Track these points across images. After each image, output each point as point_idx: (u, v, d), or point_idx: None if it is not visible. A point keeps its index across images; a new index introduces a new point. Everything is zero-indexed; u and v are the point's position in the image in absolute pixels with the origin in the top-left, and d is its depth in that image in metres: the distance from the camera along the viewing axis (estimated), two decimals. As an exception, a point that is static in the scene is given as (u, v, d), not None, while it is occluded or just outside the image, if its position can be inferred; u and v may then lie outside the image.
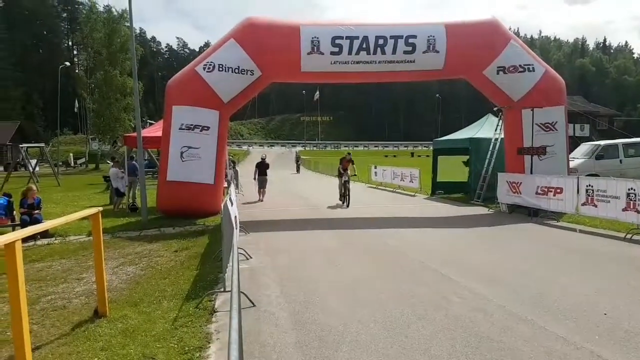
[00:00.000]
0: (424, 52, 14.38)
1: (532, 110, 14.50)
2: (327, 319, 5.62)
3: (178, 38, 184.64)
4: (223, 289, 6.65)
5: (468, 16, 15.80)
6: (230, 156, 23.91)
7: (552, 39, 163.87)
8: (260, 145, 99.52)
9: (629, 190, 10.84)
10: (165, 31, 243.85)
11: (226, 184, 16.21)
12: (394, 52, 14.30)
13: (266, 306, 6.15)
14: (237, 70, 14.04)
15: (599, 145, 20.63)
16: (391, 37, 14.25)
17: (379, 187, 25.86)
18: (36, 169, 32.55)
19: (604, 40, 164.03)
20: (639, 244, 9.90)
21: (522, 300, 6.20)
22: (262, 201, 19.63)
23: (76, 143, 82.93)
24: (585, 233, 11.42)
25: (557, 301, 6.12)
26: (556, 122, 15.08)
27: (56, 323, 5.84)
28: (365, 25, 14.63)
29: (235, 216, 7.64)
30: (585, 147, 21.18)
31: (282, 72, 15.23)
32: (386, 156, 75.03)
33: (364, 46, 14.19)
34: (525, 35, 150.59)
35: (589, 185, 12.14)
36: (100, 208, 6.05)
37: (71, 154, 64.98)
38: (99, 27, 53.79)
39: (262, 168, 20.46)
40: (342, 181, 17.90)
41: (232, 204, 8.09)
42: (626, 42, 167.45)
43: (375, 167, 28.88)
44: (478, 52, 14.67)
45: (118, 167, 17.49)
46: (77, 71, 73.99)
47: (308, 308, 6.06)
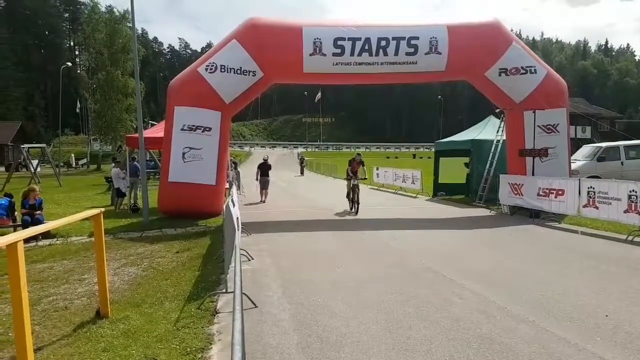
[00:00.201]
0: (426, 54, 14.39)
1: (534, 112, 14.50)
2: (329, 320, 5.62)
3: (180, 39, 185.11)
4: (225, 290, 6.64)
5: (470, 18, 15.74)
6: (232, 157, 23.93)
7: (554, 41, 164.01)
8: (262, 146, 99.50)
9: (631, 192, 10.83)
10: (167, 32, 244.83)
11: (228, 185, 16.22)
12: (396, 54, 14.31)
13: (268, 307, 6.15)
14: (239, 71, 14.07)
15: (601, 147, 20.61)
16: (393, 39, 14.27)
17: (381, 189, 25.85)
18: (37, 170, 32.62)
19: (606, 42, 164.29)
20: (641, 246, 9.89)
21: (524, 301, 6.19)
22: (264, 202, 19.63)
23: (78, 144, 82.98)
24: (586, 235, 11.41)
25: (559, 303, 6.11)
26: (558, 124, 15.08)
27: (58, 324, 5.85)
28: (367, 26, 14.64)
29: (237, 217, 7.64)
30: (586, 149, 21.16)
31: (284, 73, 15.25)
32: (388, 157, 75.01)
33: (366, 47, 14.20)
34: (527, 37, 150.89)
35: (591, 187, 12.13)
36: (102, 209, 6.06)
37: (73, 155, 64.98)
38: (101, 28, 53.82)
39: (264, 169, 20.48)
40: (351, 185, 16.32)
41: (234, 205, 8.09)
42: (628, 45, 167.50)
43: (377, 169, 28.88)
44: (480, 54, 14.67)
45: (120, 168, 17.52)
46: (79, 71, 74.32)
47: (310, 309, 6.05)
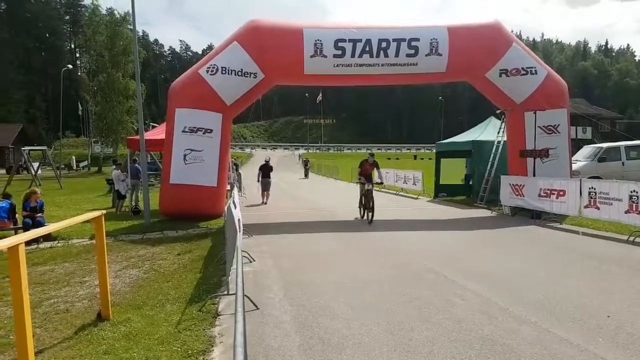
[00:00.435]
0: (427, 55, 14.40)
1: (535, 112, 14.50)
2: (331, 322, 5.61)
3: (181, 41, 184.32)
4: (226, 292, 6.63)
5: (470, 19, 15.74)
6: (233, 159, 23.95)
7: (554, 42, 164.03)
8: (263, 148, 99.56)
9: (632, 192, 10.82)
10: (168, 34, 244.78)
11: (229, 187, 16.22)
12: (397, 55, 14.32)
13: (270, 309, 6.14)
14: (240, 73, 14.08)
15: (602, 147, 20.61)
16: (394, 40, 14.28)
17: (382, 190, 25.81)
18: (38, 172, 32.62)
19: (606, 43, 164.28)
20: (643, 247, 9.88)
21: (526, 302, 6.18)
22: (266, 204, 19.63)
23: (79, 146, 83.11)
24: (588, 235, 11.40)
25: (560, 303, 6.10)
26: (558, 125, 15.08)
27: (59, 327, 5.85)
28: (368, 28, 14.66)
29: (238, 219, 7.64)
30: (587, 150, 21.15)
31: (285, 75, 15.26)
32: (389, 159, 74.97)
33: (367, 49, 14.22)
34: (527, 38, 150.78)
35: (592, 187, 12.13)
36: (103, 211, 6.06)
37: (73, 157, 65.07)
38: (102, 30, 53.92)
39: (266, 171, 20.49)
40: (364, 190, 14.54)
41: (236, 207, 8.08)
42: (628, 45, 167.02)
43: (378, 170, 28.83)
44: (481, 55, 14.68)
45: (120, 170, 17.53)
46: (80, 74, 74.35)
47: (311, 311, 6.05)
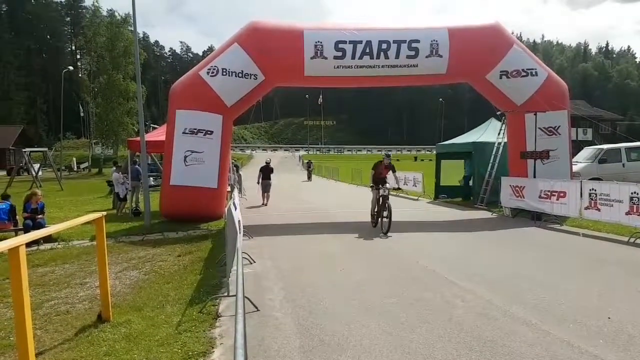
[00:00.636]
0: (427, 57, 14.40)
1: (535, 114, 14.49)
2: (331, 324, 5.61)
3: (181, 42, 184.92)
4: (227, 294, 6.64)
5: (471, 20, 15.75)
6: (233, 160, 23.95)
7: (555, 44, 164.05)
8: (263, 149, 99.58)
9: (632, 194, 10.81)
10: (168, 35, 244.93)
11: (229, 188, 16.22)
12: (397, 57, 14.32)
13: (270, 311, 6.14)
14: (241, 74, 14.09)
15: (602, 149, 20.59)
16: (394, 42, 14.28)
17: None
18: (39, 174, 32.68)
19: (607, 44, 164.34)
20: (643, 248, 9.87)
21: (526, 304, 6.17)
22: (266, 205, 19.63)
23: (79, 147, 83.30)
24: (588, 237, 11.39)
25: (561, 305, 6.10)
26: (559, 126, 15.07)
27: (59, 328, 5.85)
28: (368, 29, 14.66)
29: (238, 220, 7.64)
30: (588, 151, 21.13)
31: (286, 77, 15.26)
32: (389, 160, 74.90)
33: (367, 50, 14.22)
34: (528, 39, 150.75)
35: (592, 189, 12.12)
36: (103, 213, 6.07)
37: (74, 159, 65.21)
38: (102, 31, 54.07)
39: (266, 172, 20.49)
40: (378, 196, 12.73)
41: (236, 209, 8.09)
42: (629, 47, 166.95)
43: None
44: (481, 57, 14.67)
45: (121, 172, 17.53)
46: (81, 75, 74.40)
47: (312, 312, 6.05)
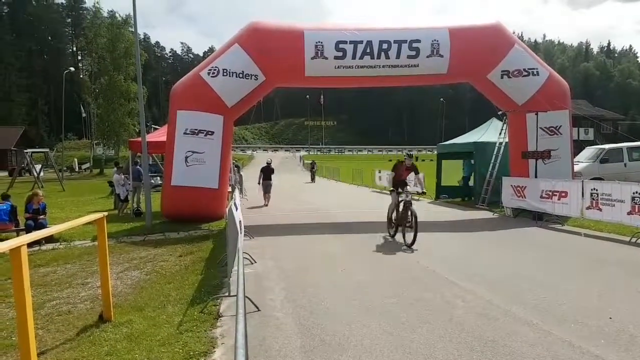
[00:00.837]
0: (428, 57, 14.40)
1: (537, 114, 14.48)
2: (332, 324, 5.61)
3: (182, 43, 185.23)
4: (228, 294, 6.64)
5: (472, 20, 15.75)
6: (234, 161, 23.96)
7: (556, 43, 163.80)
8: (264, 149, 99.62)
9: (634, 193, 10.80)
10: (169, 36, 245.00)
11: (230, 189, 16.23)
12: (398, 57, 14.32)
13: (271, 311, 6.14)
14: (242, 75, 14.10)
15: (604, 149, 20.57)
16: (395, 42, 14.28)
17: (384, 191, 25.83)
18: (41, 174, 32.72)
19: (608, 44, 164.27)
20: (645, 248, 9.86)
21: (527, 304, 6.17)
22: (267, 206, 19.64)
23: (80, 148, 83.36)
24: (590, 237, 11.38)
25: (562, 305, 6.09)
26: (560, 126, 15.06)
27: (61, 328, 5.86)
28: (369, 29, 14.66)
29: (239, 221, 7.64)
30: (589, 151, 21.11)
31: (286, 77, 15.26)
32: (390, 160, 74.94)
33: (368, 51, 14.22)
34: (529, 39, 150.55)
35: (594, 189, 12.11)
36: (105, 213, 6.07)
37: (76, 159, 65.26)
38: (103, 33, 54.15)
39: (267, 173, 20.50)
40: (398, 200, 10.98)
41: (237, 209, 8.09)
42: (630, 46, 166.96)
43: (379, 171, 28.89)
44: (482, 56, 14.67)
45: (122, 173, 17.54)
46: (82, 76, 74.50)
47: (313, 312, 6.05)
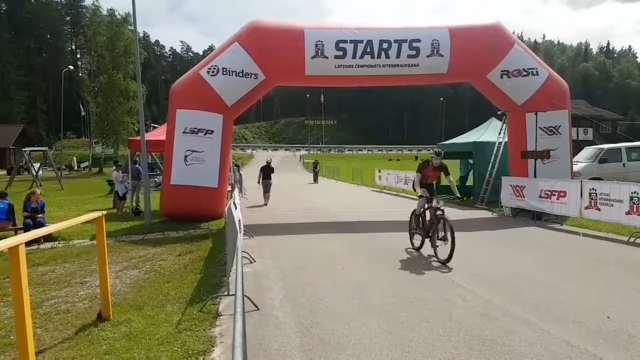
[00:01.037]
0: (428, 56, 14.40)
1: (536, 114, 14.49)
2: (331, 323, 5.61)
3: (182, 42, 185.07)
4: (227, 293, 6.64)
5: (472, 20, 15.74)
6: (234, 160, 23.93)
7: (556, 43, 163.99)
8: (264, 149, 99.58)
9: (633, 193, 10.82)
10: (169, 35, 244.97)
11: (230, 188, 16.22)
12: (398, 56, 14.32)
13: (270, 310, 6.14)
14: (241, 73, 14.08)
15: (603, 149, 20.59)
16: (395, 41, 14.28)
17: (383, 191, 25.87)
18: (39, 173, 32.69)
19: (608, 44, 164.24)
20: (644, 248, 9.88)
21: (526, 303, 6.18)
22: (267, 205, 19.64)
23: (79, 147, 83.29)
24: (588, 237, 11.39)
25: (561, 304, 6.10)
26: (560, 126, 15.07)
27: (59, 327, 5.85)
28: (369, 29, 14.65)
29: (239, 220, 7.64)
30: (588, 151, 21.13)
31: (286, 76, 15.25)
32: (390, 160, 75.19)
33: (368, 50, 14.22)
34: (529, 39, 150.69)
35: (593, 188, 12.13)
36: (103, 212, 6.07)
37: (74, 158, 65.23)
38: (102, 31, 54.12)
39: (267, 172, 20.51)
40: (425, 207, 9.50)
41: (236, 208, 8.09)
42: (630, 47, 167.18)
43: (379, 171, 28.91)
44: (482, 56, 14.68)
45: (121, 171, 17.55)
46: (81, 75, 74.45)
47: (312, 311, 6.05)
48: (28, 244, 8.84)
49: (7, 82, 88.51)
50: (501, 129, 17.62)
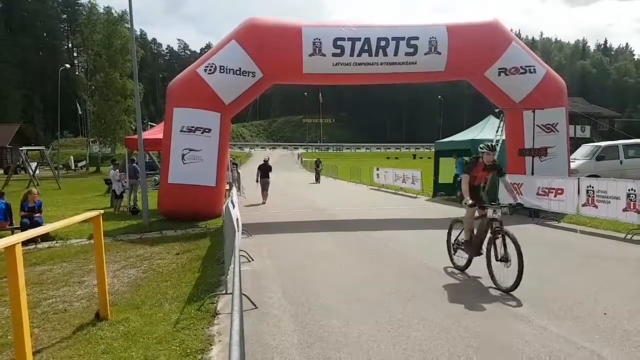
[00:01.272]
0: (426, 54, 14.38)
1: (533, 111, 14.51)
2: (329, 321, 5.62)
3: (179, 40, 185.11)
4: (225, 292, 6.65)
5: (470, 18, 15.75)
6: (232, 158, 23.92)
7: (553, 41, 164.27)
8: (262, 147, 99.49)
9: (629, 190, 10.85)
10: (166, 33, 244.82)
11: (228, 186, 16.21)
12: (396, 54, 14.30)
13: (268, 308, 6.14)
14: (239, 71, 14.06)
15: (600, 146, 20.63)
16: (393, 39, 14.26)
17: (381, 189, 25.86)
18: (36, 172, 32.58)
19: (605, 42, 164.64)
20: (639, 244, 9.92)
21: (523, 300, 6.19)
22: (265, 203, 19.62)
23: (77, 146, 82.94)
24: (585, 234, 11.42)
25: (558, 301, 6.11)
26: (557, 124, 15.09)
27: (57, 326, 5.85)
28: (367, 26, 14.63)
29: (237, 218, 7.64)
30: (586, 148, 21.18)
31: (284, 74, 15.23)
32: (388, 158, 75.17)
33: (366, 48, 14.19)
34: (526, 36, 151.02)
35: (590, 186, 12.15)
36: (101, 211, 6.06)
37: (72, 157, 65.03)
38: (99, 29, 53.94)
39: (265, 170, 20.49)
40: (475, 216, 7.85)
41: (234, 206, 8.09)
42: (627, 44, 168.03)
43: (377, 169, 28.90)
44: (480, 54, 14.67)
45: (118, 170, 17.55)
46: (78, 73, 74.29)
47: (310, 310, 6.05)
48: (25, 244, 8.83)
49: (4, 81, 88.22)
50: (499, 127, 17.63)
